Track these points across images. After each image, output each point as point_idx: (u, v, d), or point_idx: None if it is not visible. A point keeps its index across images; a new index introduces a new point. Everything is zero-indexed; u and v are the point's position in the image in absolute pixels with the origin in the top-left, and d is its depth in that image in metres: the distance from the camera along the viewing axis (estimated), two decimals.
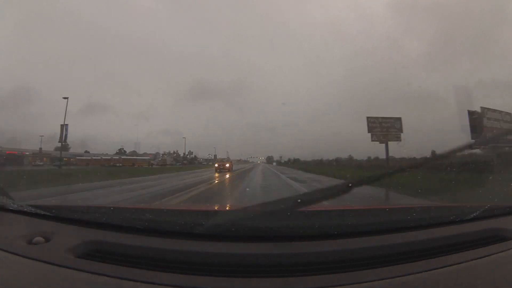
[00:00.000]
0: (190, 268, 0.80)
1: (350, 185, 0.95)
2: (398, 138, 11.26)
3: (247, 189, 9.12)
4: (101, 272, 0.76)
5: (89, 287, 0.73)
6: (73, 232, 1.00)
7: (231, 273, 0.79)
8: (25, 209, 1.19)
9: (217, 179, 13.92)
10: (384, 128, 11.30)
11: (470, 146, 1.34)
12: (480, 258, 0.87)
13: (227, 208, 0.94)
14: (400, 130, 11.47)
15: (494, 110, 11.66)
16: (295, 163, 41.56)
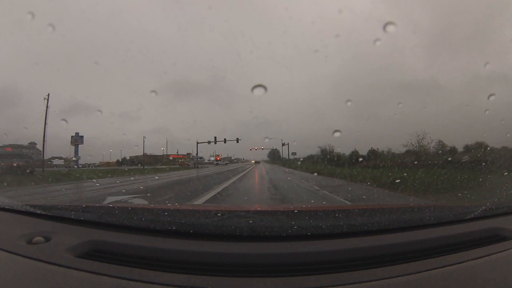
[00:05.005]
0: (190, 268, 0.80)
1: None
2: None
3: None
4: (101, 272, 0.76)
5: (89, 287, 0.73)
6: (73, 232, 1.00)
7: (231, 273, 0.79)
8: (25, 209, 1.19)
9: None
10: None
11: None
12: (480, 258, 0.86)
13: (227, 209, 0.95)
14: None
15: None
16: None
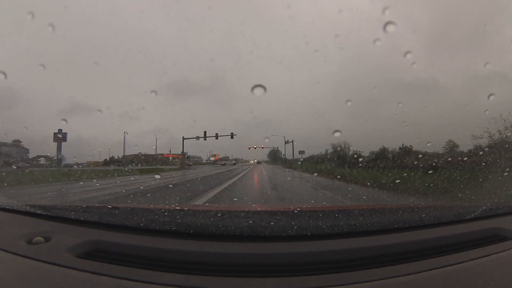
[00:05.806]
0: (190, 268, 0.80)
1: None
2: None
3: None
4: (101, 272, 0.76)
5: (89, 287, 0.73)
6: (73, 232, 1.00)
7: (231, 273, 0.79)
8: (25, 209, 1.19)
9: None
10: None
11: None
12: (480, 258, 0.86)
13: (226, 209, 0.95)
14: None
15: None
16: None
